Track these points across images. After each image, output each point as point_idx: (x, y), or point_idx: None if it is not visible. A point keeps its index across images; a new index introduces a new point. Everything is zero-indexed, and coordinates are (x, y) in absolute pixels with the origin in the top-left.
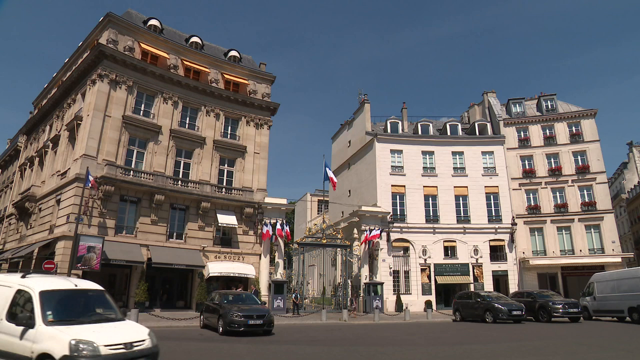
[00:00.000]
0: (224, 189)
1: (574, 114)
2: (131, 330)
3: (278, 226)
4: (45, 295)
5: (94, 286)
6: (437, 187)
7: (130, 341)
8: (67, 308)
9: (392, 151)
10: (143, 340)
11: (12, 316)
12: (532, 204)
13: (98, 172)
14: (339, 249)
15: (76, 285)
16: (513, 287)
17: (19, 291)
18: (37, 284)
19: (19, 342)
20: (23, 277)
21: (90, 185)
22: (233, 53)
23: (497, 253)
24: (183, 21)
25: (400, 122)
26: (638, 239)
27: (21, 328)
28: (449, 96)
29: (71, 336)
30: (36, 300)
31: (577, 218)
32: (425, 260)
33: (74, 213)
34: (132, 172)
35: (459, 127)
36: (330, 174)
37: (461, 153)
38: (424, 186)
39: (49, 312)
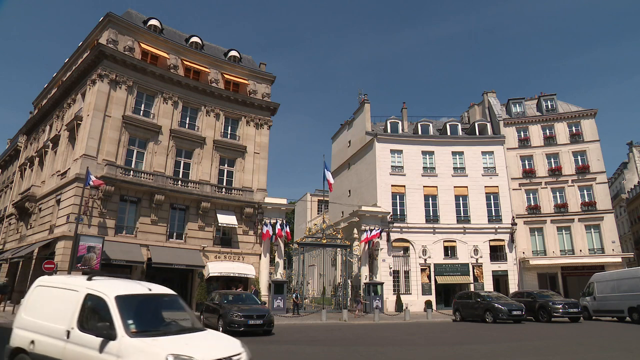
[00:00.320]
0: (224, 189)
1: (574, 114)
2: (225, 343)
3: (278, 226)
4: (121, 301)
5: (168, 290)
6: (437, 187)
7: (229, 355)
8: (146, 316)
9: (392, 151)
10: (240, 354)
11: (83, 325)
12: (532, 204)
13: (98, 172)
14: (339, 249)
15: (150, 290)
16: (513, 287)
17: (89, 296)
18: (110, 288)
19: (98, 356)
20: (89, 279)
21: (92, 183)
22: (233, 53)
23: (497, 253)
24: (183, 21)
25: (400, 122)
26: (638, 239)
27: (100, 339)
28: (449, 96)
29: (166, 350)
30: (113, 307)
31: (577, 218)
32: (425, 260)
33: (74, 213)
34: (132, 172)
35: (459, 127)
36: (328, 176)
37: (461, 153)
38: (424, 186)
39: (130, 321)
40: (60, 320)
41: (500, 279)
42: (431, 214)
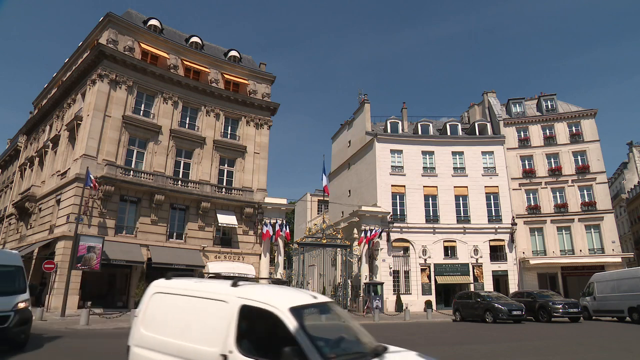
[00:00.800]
0: (224, 189)
1: (574, 114)
2: None
3: (278, 226)
4: (299, 314)
5: (326, 297)
6: (437, 187)
7: None
8: (330, 335)
9: (392, 151)
10: None
11: (244, 347)
12: (532, 204)
13: (98, 172)
14: (339, 249)
15: (315, 298)
16: (513, 287)
17: (246, 308)
18: (276, 297)
19: None
20: (235, 285)
21: (91, 185)
22: (233, 53)
23: (497, 253)
24: (183, 21)
25: (400, 122)
26: (638, 239)
27: None
28: (449, 96)
29: None
30: (292, 324)
31: (577, 218)
32: (425, 260)
33: (74, 213)
34: (132, 172)
35: (459, 127)
36: (325, 181)
37: (461, 153)
38: (424, 186)
39: (322, 344)
40: (207, 340)
41: (500, 279)
42: (431, 214)
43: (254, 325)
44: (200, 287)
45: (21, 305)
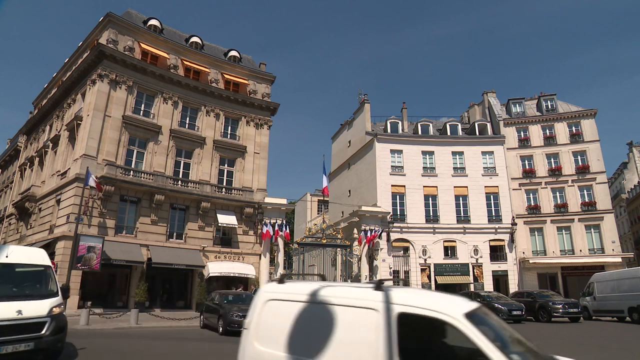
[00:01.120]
0: (224, 189)
1: (574, 114)
2: None
3: (277, 226)
4: (476, 322)
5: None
6: (437, 187)
7: None
8: (509, 346)
9: (392, 151)
10: None
11: None
12: (532, 204)
13: (98, 172)
14: (339, 249)
15: (471, 301)
16: (513, 287)
17: (405, 317)
18: (443, 301)
19: None
20: (380, 289)
21: (92, 184)
22: (233, 53)
23: (497, 253)
24: (183, 21)
25: (400, 122)
26: (638, 239)
27: None
28: (449, 96)
29: None
30: (476, 335)
31: (577, 218)
32: (425, 260)
33: (74, 213)
34: (132, 172)
35: (459, 127)
36: (325, 182)
37: (461, 153)
38: (424, 186)
39: (517, 357)
40: (355, 358)
41: (500, 279)
42: (431, 214)
43: (417, 337)
44: (330, 292)
45: (56, 310)
